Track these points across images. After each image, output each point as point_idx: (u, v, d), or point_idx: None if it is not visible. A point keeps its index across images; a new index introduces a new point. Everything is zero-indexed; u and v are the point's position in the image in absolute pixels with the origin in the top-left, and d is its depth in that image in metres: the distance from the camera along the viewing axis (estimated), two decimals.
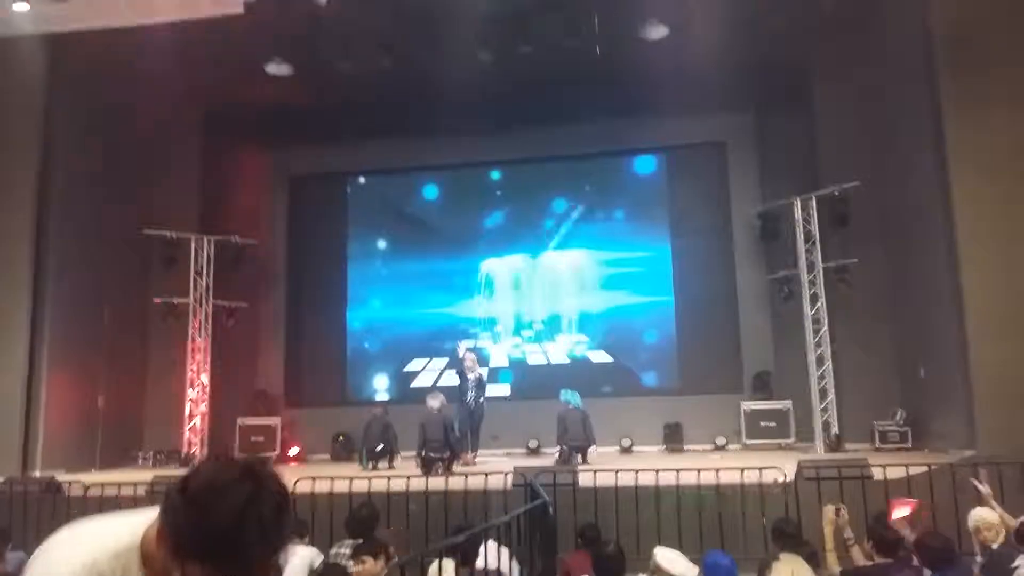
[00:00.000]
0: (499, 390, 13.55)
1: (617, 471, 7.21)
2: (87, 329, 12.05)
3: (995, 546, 4.84)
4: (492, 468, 8.54)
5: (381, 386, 14.66)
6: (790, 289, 12.36)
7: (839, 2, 11.22)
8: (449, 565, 4.35)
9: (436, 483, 7.62)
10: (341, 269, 15.18)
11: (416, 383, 14.18)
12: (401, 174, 15.38)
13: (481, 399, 10.85)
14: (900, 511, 5.73)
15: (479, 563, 4.76)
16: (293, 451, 13.50)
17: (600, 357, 14.13)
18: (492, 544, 5.05)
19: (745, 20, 10.97)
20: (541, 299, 14.49)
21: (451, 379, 11.67)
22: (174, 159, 14.00)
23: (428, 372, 14.28)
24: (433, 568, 4.09)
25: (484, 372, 11.58)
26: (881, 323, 11.83)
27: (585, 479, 7.45)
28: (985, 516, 5.00)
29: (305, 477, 7.69)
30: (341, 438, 13.38)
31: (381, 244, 15.23)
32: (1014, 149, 9.24)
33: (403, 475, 7.61)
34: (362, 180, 15.60)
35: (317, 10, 10.14)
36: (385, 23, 10.35)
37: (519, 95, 12.97)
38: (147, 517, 1.46)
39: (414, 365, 14.52)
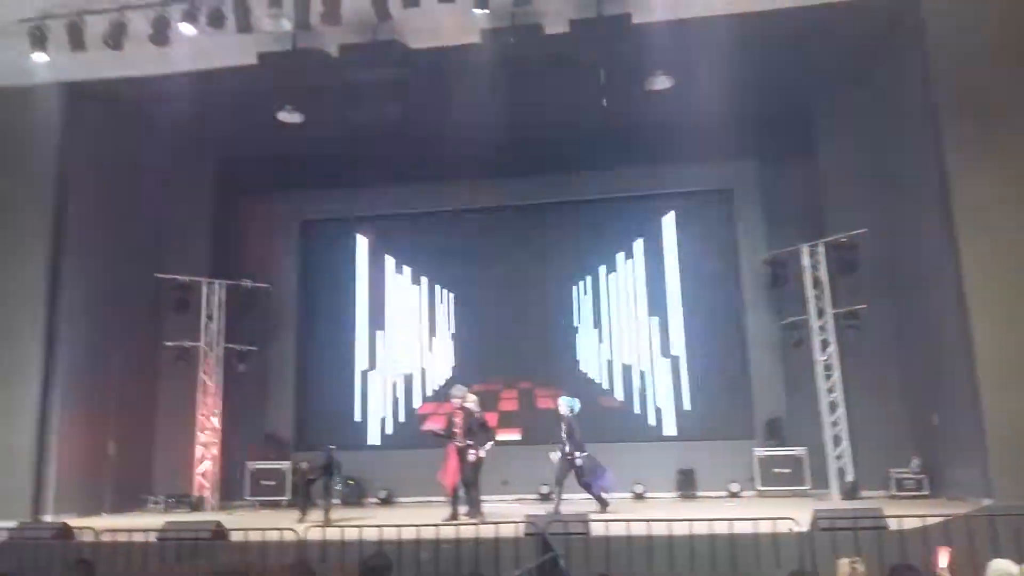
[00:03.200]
0: (510, 434, 13.51)
1: (629, 521, 7.16)
2: (99, 373, 12.10)
3: None
4: (503, 515, 8.51)
5: (388, 429, 14.64)
6: (800, 335, 12.37)
7: (842, 56, 11.41)
8: None
9: (447, 531, 7.58)
10: (351, 312, 15.24)
11: (427, 426, 14.18)
12: (410, 219, 15.49)
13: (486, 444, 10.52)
14: (943, 556, 5.67)
15: None
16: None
17: (611, 402, 14.10)
18: None
19: (748, 71, 11.13)
20: (553, 343, 14.49)
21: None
22: (187, 204, 14.17)
23: (440, 415, 14.26)
24: None
25: (490, 417, 11.44)
26: (893, 369, 11.81)
27: (597, 528, 7.41)
28: (1005, 568, 4.95)
29: (316, 524, 7.68)
30: (351, 482, 13.30)
31: (391, 288, 15.30)
32: (1018, 201, 9.29)
33: (414, 524, 7.58)
34: (372, 225, 15.69)
35: (329, 59, 10.35)
36: (395, 72, 10.55)
37: (527, 143, 13.09)
38: None
39: (425, 408, 14.54)
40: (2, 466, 10.97)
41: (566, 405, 10.37)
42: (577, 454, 10.01)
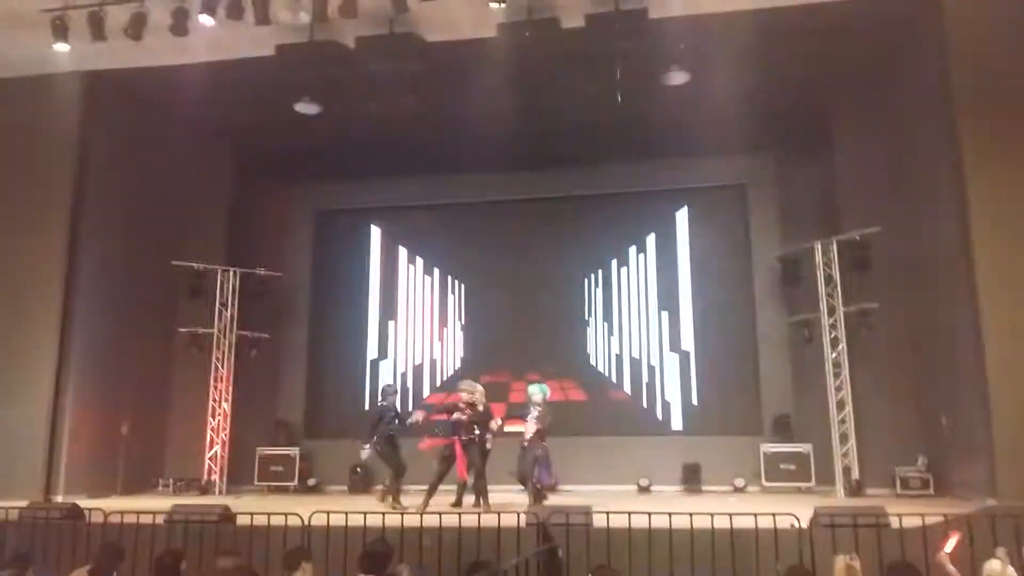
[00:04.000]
0: (518, 426, 13.51)
1: (631, 513, 7.20)
2: (113, 357, 12.29)
3: None
4: (507, 506, 8.58)
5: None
6: (811, 333, 12.34)
7: (860, 52, 11.33)
8: None
9: (450, 519, 7.65)
10: (363, 302, 15.35)
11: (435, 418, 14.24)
12: (424, 210, 15.55)
13: (488, 436, 10.35)
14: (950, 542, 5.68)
15: None
16: (311, 482, 13.56)
17: (619, 395, 14.14)
18: None
19: (765, 66, 11.09)
20: (562, 336, 14.52)
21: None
22: (204, 193, 14.33)
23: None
24: None
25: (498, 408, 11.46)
26: (903, 368, 11.76)
27: (599, 520, 7.45)
28: (997, 569, 4.99)
29: (320, 510, 7.76)
30: (359, 470, 13.42)
31: (403, 278, 15.38)
32: None
33: (417, 511, 7.65)
34: (386, 215, 15.75)
35: (346, 51, 10.41)
36: (412, 65, 10.59)
37: (541, 137, 13.11)
38: None
39: (434, 398, 14.62)
40: (15, 447, 11.15)
41: (540, 392, 10.22)
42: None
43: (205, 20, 9.90)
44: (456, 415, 10.12)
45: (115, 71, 11.36)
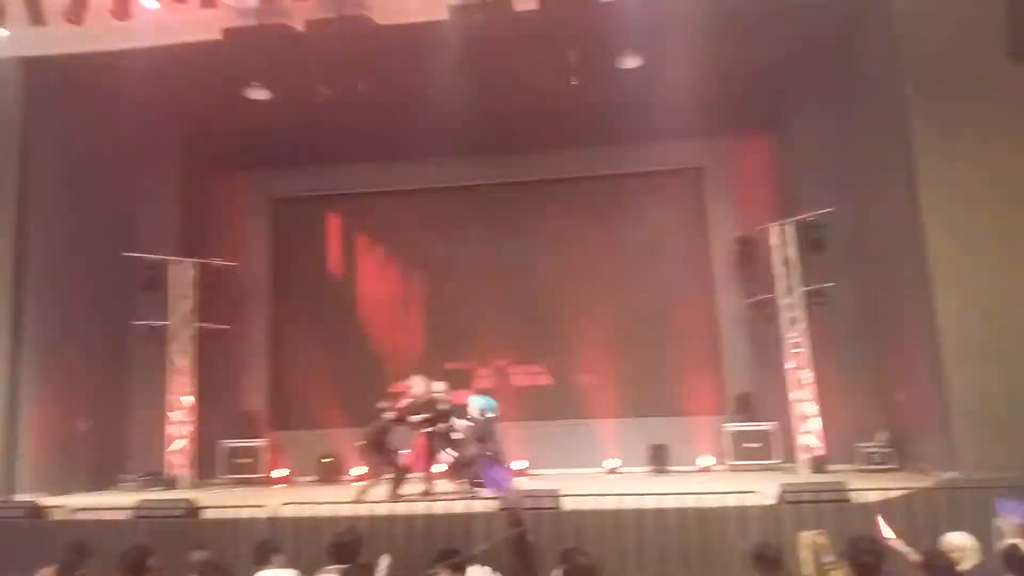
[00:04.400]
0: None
1: (598, 496, 7.27)
2: (70, 352, 11.99)
3: (965, 567, 4.94)
4: (477, 492, 8.59)
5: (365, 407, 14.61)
6: (769, 313, 12.53)
7: (813, 33, 11.45)
8: None
9: (420, 507, 7.66)
10: (323, 290, 15.19)
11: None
12: (381, 197, 15.40)
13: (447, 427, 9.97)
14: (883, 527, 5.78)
15: None
16: (280, 473, 13.45)
17: (585, 379, 14.21)
18: (475, 569, 5.14)
19: (719, 50, 11.13)
20: (526, 321, 14.53)
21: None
22: (154, 182, 13.97)
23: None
24: None
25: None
26: (861, 345, 11.99)
27: (568, 503, 7.51)
28: (953, 540, 5.13)
29: (291, 502, 7.72)
30: (328, 460, 13.37)
31: (362, 266, 15.26)
32: (985, 178, 9.41)
33: (388, 500, 7.63)
34: (342, 203, 15.57)
35: (295, 35, 10.22)
36: (364, 48, 10.45)
37: (497, 121, 12.98)
38: None
39: (397, 388, 14.54)
40: None
41: (476, 407, 9.26)
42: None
43: (148, 3, 9.65)
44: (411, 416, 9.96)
45: (58, 57, 10.97)
